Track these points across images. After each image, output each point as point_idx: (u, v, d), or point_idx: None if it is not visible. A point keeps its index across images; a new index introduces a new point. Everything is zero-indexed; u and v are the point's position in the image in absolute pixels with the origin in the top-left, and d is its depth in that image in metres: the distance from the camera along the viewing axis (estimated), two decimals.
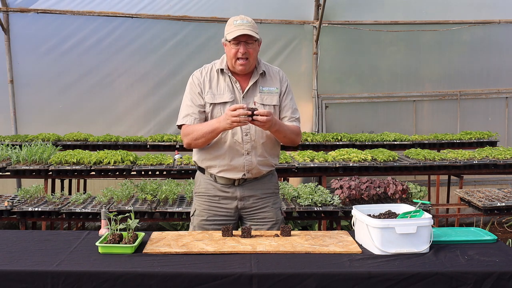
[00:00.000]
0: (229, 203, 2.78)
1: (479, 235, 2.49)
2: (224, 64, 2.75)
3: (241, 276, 2.01)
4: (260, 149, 2.73)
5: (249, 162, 2.71)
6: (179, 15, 6.18)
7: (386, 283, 2.01)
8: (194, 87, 2.77)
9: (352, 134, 5.89)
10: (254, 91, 2.75)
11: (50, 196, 4.05)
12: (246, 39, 2.62)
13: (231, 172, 2.72)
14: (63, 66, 6.16)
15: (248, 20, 2.66)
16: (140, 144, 5.64)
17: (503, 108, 6.73)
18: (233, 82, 2.74)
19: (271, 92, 2.77)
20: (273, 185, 2.88)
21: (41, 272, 2.02)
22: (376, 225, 2.24)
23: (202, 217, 2.80)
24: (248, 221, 2.81)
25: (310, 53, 6.38)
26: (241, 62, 2.65)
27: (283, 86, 2.82)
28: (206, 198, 2.81)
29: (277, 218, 2.83)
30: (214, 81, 2.76)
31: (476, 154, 5.03)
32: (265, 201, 2.81)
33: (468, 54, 6.67)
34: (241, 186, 2.77)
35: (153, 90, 6.28)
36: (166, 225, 5.71)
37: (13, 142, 5.39)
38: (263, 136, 2.72)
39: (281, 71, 2.88)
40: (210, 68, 2.81)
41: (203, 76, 2.78)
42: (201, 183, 2.84)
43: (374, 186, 3.91)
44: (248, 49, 2.63)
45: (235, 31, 2.60)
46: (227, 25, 2.69)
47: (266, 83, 2.78)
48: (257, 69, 2.77)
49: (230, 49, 2.65)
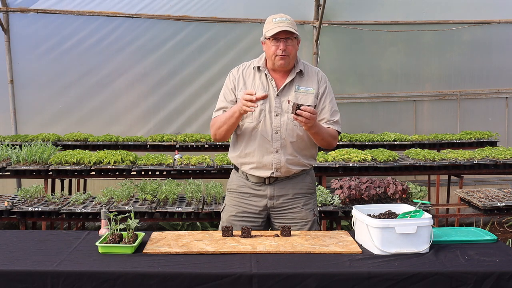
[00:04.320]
0: (258, 201, 2.77)
1: (479, 235, 2.49)
2: (262, 62, 2.75)
3: (241, 276, 2.00)
4: (290, 148, 2.70)
5: (278, 160, 2.69)
6: (179, 15, 6.18)
7: (386, 283, 2.01)
8: (229, 83, 2.78)
9: (352, 134, 5.89)
10: (290, 89, 2.72)
11: (50, 196, 4.05)
12: (286, 35, 2.61)
13: (261, 170, 2.71)
14: (63, 66, 6.16)
15: (287, 17, 2.66)
16: (140, 144, 5.64)
17: (503, 108, 6.73)
18: (269, 80, 2.72)
19: (306, 92, 2.72)
20: (306, 185, 2.83)
21: (41, 272, 2.02)
22: (376, 225, 2.24)
23: (231, 212, 2.80)
24: (277, 220, 2.78)
25: (310, 53, 6.38)
26: (281, 56, 2.62)
27: (321, 87, 2.77)
28: (237, 195, 2.81)
29: (307, 219, 2.78)
30: (249, 78, 2.76)
31: (476, 154, 5.03)
32: (296, 201, 2.78)
33: (468, 54, 6.67)
34: (272, 184, 2.75)
35: (153, 90, 6.28)
36: (166, 225, 5.71)
37: (13, 142, 5.39)
38: (293, 135, 2.69)
39: (321, 71, 2.82)
40: (248, 65, 2.81)
41: (239, 73, 2.78)
42: (234, 180, 2.85)
43: (374, 186, 3.91)
44: (287, 46, 2.62)
45: (275, 28, 2.59)
46: (266, 23, 2.68)
47: (303, 82, 2.75)
48: (294, 68, 2.73)
49: (270, 46, 2.64)
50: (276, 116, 2.68)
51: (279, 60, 2.63)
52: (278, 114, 2.68)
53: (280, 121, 2.67)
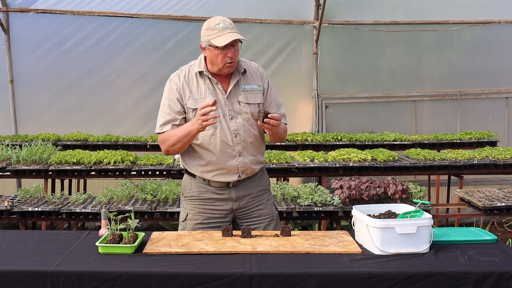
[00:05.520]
0: (223, 205, 2.72)
1: (479, 235, 2.49)
2: (202, 66, 2.64)
3: (241, 276, 2.01)
4: (251, 149, 2.69)
5: (243, 163, 2.66)
6: (179, 15, 6.18)
7: (386, 283, 2.01)
8: (172, 93, 2.66)
9: (352, 134, 5.89)
10: (237, 90, 2.67)
11: (50, 196, 4.05)
12: (233, 42, 2.54)
13: (226, 175, 2.67)
14: (63, 66, 6.16)
15: (230, 22, 2.56)
16: (140, 144, 5.64)
17: (503, 108, 6.73)
18: (215, 84, 2.65)
19: (253, 90, 2.69)
20: (265, 182, 2.85)
21: (41, 272, 2.02)
22: (376, 225, 2.24)
23: (196, 220, 2.72)
24: (243, 220, 2.76)
25: (310, 53, 6.38)
26: (229, 64, 2.57)
27: (264, 83, 2.74)
28: (199, 202, 2.74)
29: (273, 214, 2.81)
30: (193, 85, 2.65)
31: (476, 154, 5.03)
32: (259, 198, 2.79)
33: (468, 54, 6.66)
34: (235, 186, 2.73)
35: (153, 90, 6.26)
36: (166, 225, 5.71)
37: (13, 142, 5.39)
38: (251, 135, 2.68)
39: (260, 66, 2.80)
40: (187, 71, 2.70)
41: (181, 80, 2.66)
42: (193, 187, 2.75)
43: (374, 186, 3.91)
44: (234, 52, 2.56)
45: (223, 37, 2.50)
46: (206, 28, 2.56)
47: (248, 81, 2.70)
48: (237, 68, 2.68)
49: (217, 54, 2.54)
50: (231, 119, 2.63)
51: (227, 67, 2.58)
52: (232, 117, 2.64)
53: (237, 124, 2.63)
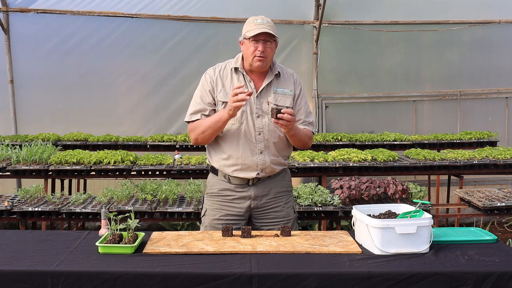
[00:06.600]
0: (242, 203, 2.77)
1: (479, 235, 2.49)
2: (239, 62, 2.75)
3: (241, 276, 2.01)
4: (273, 149, 2.74)
5: (263, 161, 2.71)
6: (179, 15, 6.18)
7: (386, 283, 2.01)
8: (206, 84, 2.76)
9: (352, 134, 5.89)
10: (268, 91, 2.75)
11: (50, 196, 4.05)
12: (265, 37, 2.63)
13: (245, 172, 2.72)
14: (63, 66, 6.15)
15: (268, 20, 2.68)
16: (140, 144, 5.63)
17: (503, 108, 6.73)
18: (247, 81, 2.73)
19: (285, 94, 2.76)
20: (286, 183, 2.88)
21: (41, 272, 2.02)
22: (376, 225, 2.24)
23: (213, 216, 2.79)
24: (259, 220, 2.79)
25: (310, 53, 6.38)
26: (259, 58, 2.64)
27: (297, 89, 2.83)
28: (219, 198, 2.80)
29: (289, 217, 2.82)
30: (227, 79, 2.75)
31: (476, 154, 5.03)
32: (277, 200, 2.81)
33: (468, 54, 6.67)
34: (255, 185, 2.76)
35: (153, 90, 6.28)
36: (166, 225, 5.71)
37: (13, 142, 5.38)
38: (275, 136, 2.73)
39: (295, 73, 2.88)
40: (224, 66, 2.80)
41: (216, 74, 2.76)
42: (214, 184, 2.83)
43: (374, 186, 3.91)
44: (266, 48, 2.65)
45: (255, 29, 2.62)
46: (246, 23, 2.70)
47: (280, 84, 2.79)
48: (272, 70, 2.77)
49: (249, 47, 2.66)
50: (257, 117, 2.71)
51: (256, 61, 2.65)
52: (259, 115, 2.71)
53: (262, 122, 2.70)
